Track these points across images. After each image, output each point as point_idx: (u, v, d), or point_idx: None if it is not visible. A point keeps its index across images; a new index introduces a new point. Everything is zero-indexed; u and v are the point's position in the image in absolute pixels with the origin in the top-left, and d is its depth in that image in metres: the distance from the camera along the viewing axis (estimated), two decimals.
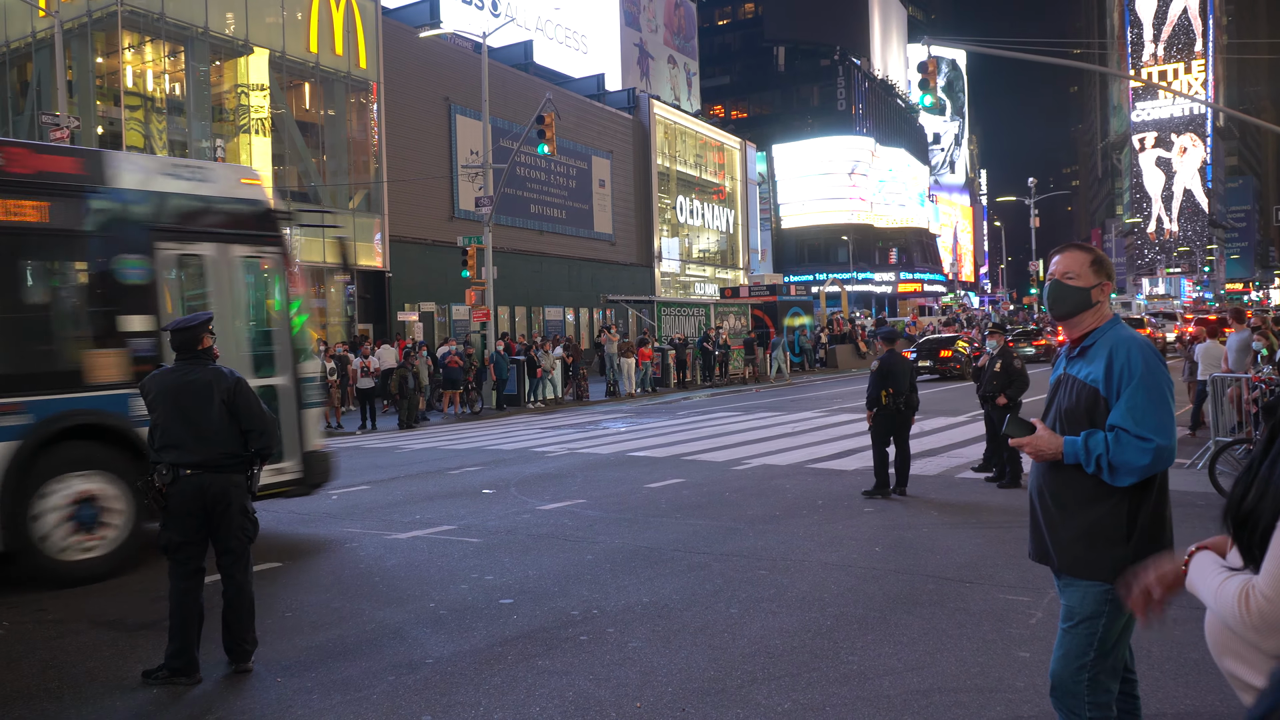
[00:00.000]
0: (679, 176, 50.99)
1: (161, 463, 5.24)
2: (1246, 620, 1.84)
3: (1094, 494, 3.12)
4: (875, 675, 4.99)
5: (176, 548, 5.26)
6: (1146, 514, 3.10)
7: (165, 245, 8.40)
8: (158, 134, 26.80)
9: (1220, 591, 1.94)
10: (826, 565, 7.40)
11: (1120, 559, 3.07)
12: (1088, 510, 3.13)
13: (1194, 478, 10.75)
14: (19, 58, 28.13)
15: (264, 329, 9.30)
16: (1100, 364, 3.15)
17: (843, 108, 77.18)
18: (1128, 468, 3.03)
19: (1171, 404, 3.10)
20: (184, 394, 5.30)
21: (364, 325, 30.66)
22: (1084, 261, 3.28)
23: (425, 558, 8.07)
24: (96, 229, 7.96)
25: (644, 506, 10.22)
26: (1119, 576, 3.07)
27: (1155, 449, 3.01)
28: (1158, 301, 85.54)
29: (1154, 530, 3.11)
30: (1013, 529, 8.39)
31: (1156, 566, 2.43)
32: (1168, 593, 2.33)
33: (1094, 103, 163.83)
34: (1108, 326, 3.24)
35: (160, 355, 7.87)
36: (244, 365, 8.56)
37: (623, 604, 6.43)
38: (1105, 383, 3.13)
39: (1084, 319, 3.27)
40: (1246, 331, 14.02)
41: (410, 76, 32.55)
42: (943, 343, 30.12)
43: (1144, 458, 3.01)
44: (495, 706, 4.71)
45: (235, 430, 5.36)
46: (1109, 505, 3.10)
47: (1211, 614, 2.01)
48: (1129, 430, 3.03)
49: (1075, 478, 3.15)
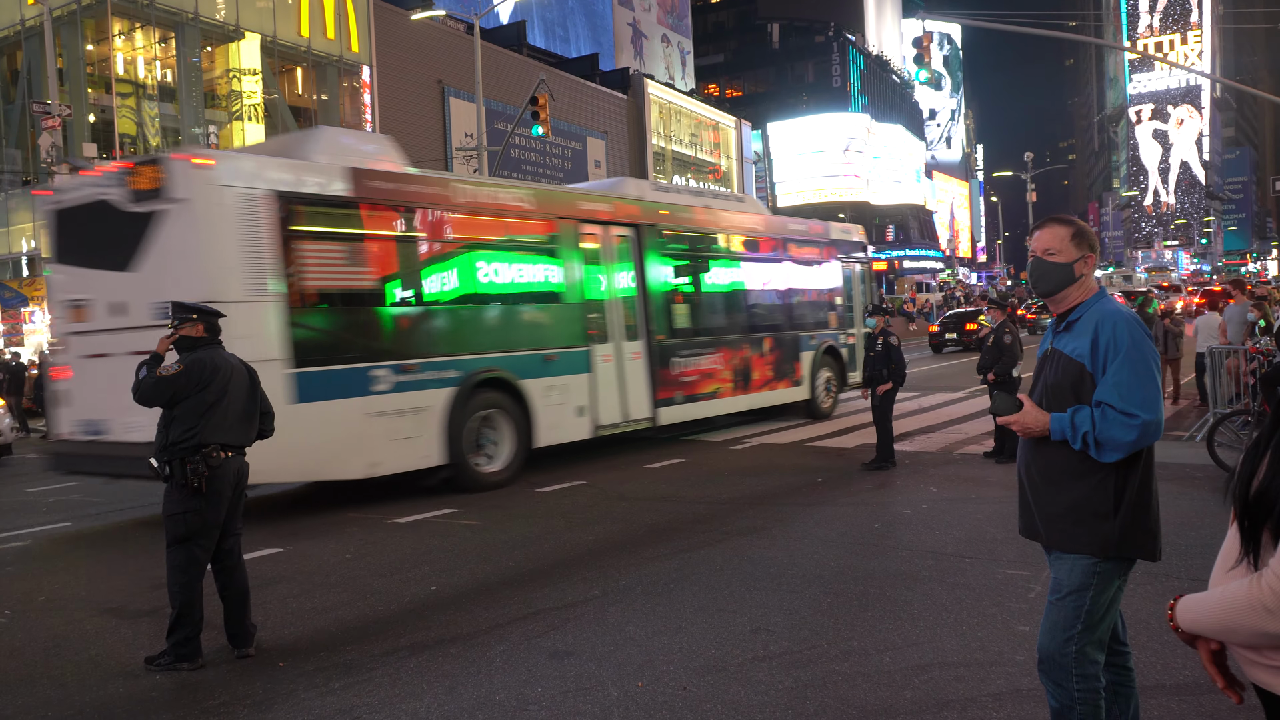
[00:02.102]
0: (674, 156, 50.83)
1: (211, 444, 5.24)
2: (1263, 600, 1.74)
3: (1080, 469, 3.12)
4: (875, 651, 5.01)
5: (206, 531, 5.25)
6: (1133, 488, 3.09)
7: (848, 260, 17.46)
8: (150, 121, 26.70)
9: (1226, 595, 1.84)
10: (826, 542, 7.42)
11: (1106, 533, 3.08)
12: (1074, 485, 3.13)
13: (1192, 450, 10.78)
14: (9, 46, 27.97)
15: (851, 307, 17.31)
16: (1086, 339, 3.14)
17: (838, 84, 76.84)
18: (1114, 444, 3.02)
19: (1158, 379, 3.08)
20: (234, 378, 5.43)
21: None
22: (1064, 236, 3.25)
23: (426, 541, 8.08)
24: (823, 258, 16.90)
25: (644, 487, 10.25)
26: (1105, 550, 3.08)
27: (1141, 424, 3.00)
28: (1157, 274, 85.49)
29: (1140, 504, 3.10)
30: (1010, 504, 8.40)
31: None
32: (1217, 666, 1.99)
33: (1090, 76, 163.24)
34: (1093, 300, 3.22)
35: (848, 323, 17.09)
36: (839, 325, 16.90)
37: (623, 584, 6.45)
38: (1091, 358, 3.12)
39: (1069, 294, 3.26)
40: (1246, 303, 14.02)
41: (403, 59, 32.39)
42: (968, 315, 31.88)
43: (1130, 434, 3.00)
44: (498, 687, 4.72)
45: (259, 414, 5.62)
46: (1095, 480, 3.10)
47: (1227, 628, 1.87)
48: (1115, 406, 3.02)
49: (1061, 453, 3.15)
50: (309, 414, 8.96)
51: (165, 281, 8.60)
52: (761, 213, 16.52)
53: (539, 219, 11.74)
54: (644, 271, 12.95)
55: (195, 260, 8.64)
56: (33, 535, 9.23)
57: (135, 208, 8.92)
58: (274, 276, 8.91)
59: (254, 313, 8.74)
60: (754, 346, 14.65)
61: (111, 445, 9.12)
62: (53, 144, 21.42)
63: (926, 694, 4.43)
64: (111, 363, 9.02)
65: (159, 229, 8.78)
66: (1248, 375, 11.51)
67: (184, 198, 8.62)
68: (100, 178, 9.38)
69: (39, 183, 25.27)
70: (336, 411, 9.22)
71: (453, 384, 10.23)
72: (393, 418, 9.67)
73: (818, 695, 4.46)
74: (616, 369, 12.38)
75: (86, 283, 9.48)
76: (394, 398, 9.69)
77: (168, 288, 8.40)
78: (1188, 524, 7.27)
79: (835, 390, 16.41)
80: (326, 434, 9.15)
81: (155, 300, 8.57)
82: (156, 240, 8.79)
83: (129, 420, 8.54)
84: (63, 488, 12.23)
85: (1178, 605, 2.01)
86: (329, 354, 9.34)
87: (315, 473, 9.53)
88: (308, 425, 8.92)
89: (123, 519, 9.92)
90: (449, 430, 10.13)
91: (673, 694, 4.55)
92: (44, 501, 11.27)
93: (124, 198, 9.01)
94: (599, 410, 12.04)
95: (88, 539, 8.96)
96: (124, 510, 10.39)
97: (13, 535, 9.23)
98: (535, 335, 11.47)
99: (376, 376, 9.59)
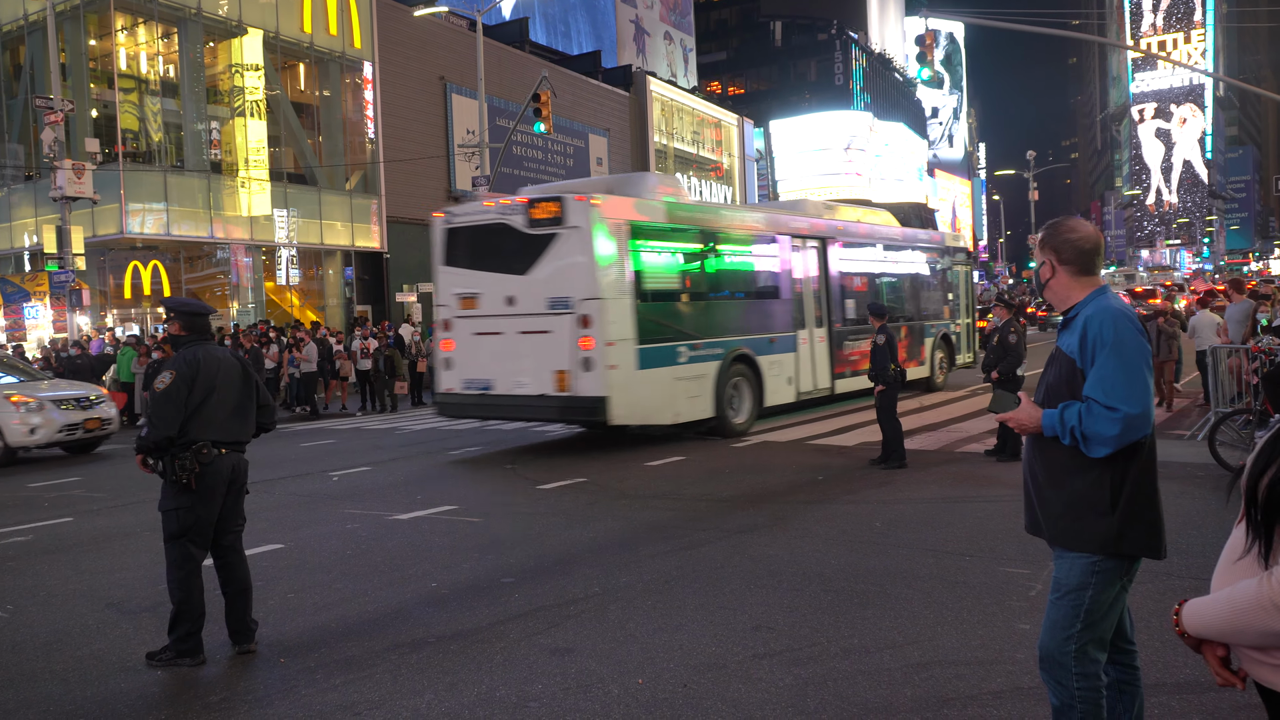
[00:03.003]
0: (676, 154, 50.77)
1: (202, 440, 5.19)
2: (1273, 598, 1.75)
3: (1078, 465, 3.13)
4: (876, 649, 5.01)
5: (200, 527, 5.24)
6: (1131, 484, 3.10)
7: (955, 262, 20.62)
8: (152, 116, 26.69)
9: (1234, 595, 1.84)
10: (827, 540, 7.42)
11: (1105, 529, 3.09)
12: (1072, 482, 3.15)
13: (1194, 449, 10.77)
14: (11, 41, 27.97)
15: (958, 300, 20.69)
16: (1076, 335, 3.18)
17: (840, 82, 76.74)
18: (1099, 438, 3.04)
19: (1144, 373, 3.07)
20: (221, 373, 5.34)
21: (362, 307, 30.62)
22: (1037, 242, 3.41)
23: (427, 538, 8.09)
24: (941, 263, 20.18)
25: (644, 484, 10.25)
26: (1104, 547, 3.08)
27: (1123, 418, 3.00)
28: (1159, 274, 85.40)
29: (1139, 500, 3.10)
30: (1011, 503, 8.40)
31: None
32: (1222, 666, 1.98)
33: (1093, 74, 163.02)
34: (1090, 298, 3.25)
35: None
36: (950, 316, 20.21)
37: (624, 581, 6.45)
38: (1080, 353, 3.15)
39: (1047, 296, 3.36)
40: (1246, 302, 13.99)
41: (405, 56, 32.36)
42: (981, 314, 32.17)
43: (1113, 427, 3.01)
44: (498, 684, 4.73)
45: (254, 408, 5.55)
46: (1092, 476, 3.11)
47: (1235, 629, 1.86)
48: (1098, 400, 3.04)
49: (1060, 450, 3.17)
50: (647, 377, 12.45)
51: (556, 284, 12.10)
52: (897, 225, 19.67)
53: (768, 235, 15.27)
54: (826, 274, 16.28)
55: (582, 268, 11.98)
56: (34, 530, 9.24)
57: (533, 231, 12.31)
58: (628, 280, 12.33)
59: (620, 305, 12.14)
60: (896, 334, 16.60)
61: (497, 397, 12.81)
62: (55, 139, 21.44)
63: (927, 692, 4.43)
64: (500, 339, 12.69)
65: (553, 246, 12.20)
66: (1249, 374, 11.50)
67: (576, 225, 12.02)
68: (500, 207, 13.03)
69: (41, 177, 25.31)
70: (660, 376, 12.67)
71: (719, 358, 13.55)
72: (687, 381, 13.03)
73: (818, 693, 4.46)
74: (810, 349, 15.75)
75: (477, 282, 12.97)
76: (688, 367, 13.06)
77: (559, 288, 12.05)
78: (1190, 523, 7.27)
79: (946, 369, 19.81)
80: (655, 391, 12.59)
81: (546, 296, 12.15)
82: (550, 253, 12.21)
83: (514, 379, 12.53)
84: (64, 483, 12.25)
85: (1183, 610, 2.00)
86: (655, 335, 12.67)
87: (646, 418, 12.64)
88: (646, 385, 12.44)
89: (125, 514, 9.92)
90: (716, 391, 13.37)
91: (673, 691, 4.55)
92: (45, 497, 11.28)
93: (523, 223, 12.39)
94: (800, 380, 15.42)
95: (89, 534, 8.96)
96: (126, 505, 10.39)
97: (15, 530, 9.24)
98: (764, 323, 14.81)
99: (680, 352, 13.01)
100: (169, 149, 26.80)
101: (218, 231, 26.93)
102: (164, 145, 26.70)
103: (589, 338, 11.91)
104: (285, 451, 14.19)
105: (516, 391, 12.53)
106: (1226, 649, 1.95)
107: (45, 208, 25.29)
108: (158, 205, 25.43)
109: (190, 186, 26.30)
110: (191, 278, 28.16)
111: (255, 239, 27.85)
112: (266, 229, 28.04)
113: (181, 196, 26.03)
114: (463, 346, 13.13)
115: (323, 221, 29.84)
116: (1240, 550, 1.88)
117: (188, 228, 26.26)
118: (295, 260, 29.25)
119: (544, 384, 12.24)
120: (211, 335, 5.61)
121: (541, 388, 12.26)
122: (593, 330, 11.90)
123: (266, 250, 28.73)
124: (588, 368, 11.93)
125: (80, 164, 21.22)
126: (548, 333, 12.21)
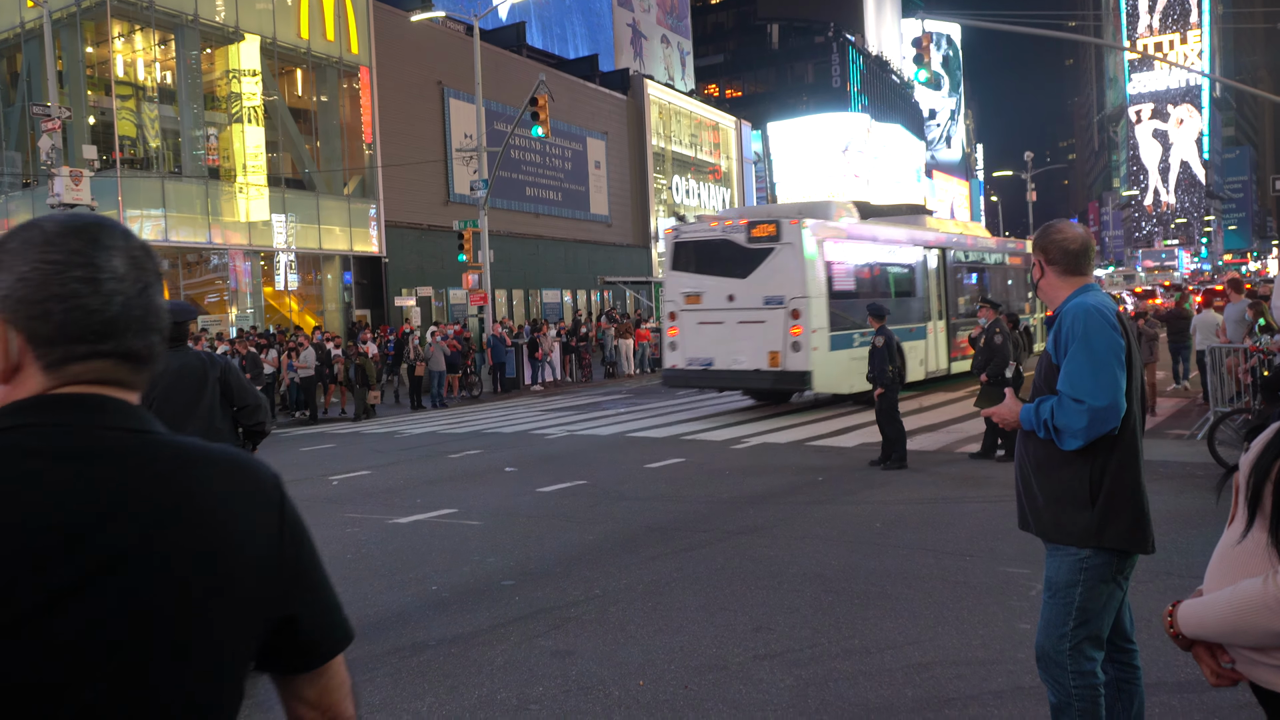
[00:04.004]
0: (674, 156, 50.78)
1: None
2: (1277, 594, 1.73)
3: (1061, 459, 3.18)
4: (877, 650, 5.00)
5: None
6: (1111, 477, 3.13)
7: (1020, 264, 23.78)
8: (150, 123, 26.69)
9: (1235, 596, 1.81)
10: (827, 541, 7.42)
11: (1086, 522, 3.12)
12: (1055, 475, 3.20)
13: (1193, 449, 10.77)
14: (8, 49, 27.97)
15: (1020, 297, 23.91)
16: (1053, 331, 3.27)
17: (837, 85, 76.79)
18: (1069, 430, 3.09)
19: (1112, 366, 3.09)
20: (179, 380, 5.17)
21: (361, 311, 30.62)
22: (1032, 245, 3.51)
23: (427, 541, 8.08)
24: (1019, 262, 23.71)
25: (644, 487, 10.24)
26: (1085, 540, 3.11)
27: (1088, 410, 3.05)
28: (1158, 274, 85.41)
29: (1120, 493, 3.12)
30: (1011, 503, 8.39)
31: None
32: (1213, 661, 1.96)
33: (1090, 76, 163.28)
34: (1073, 296, 3.31)
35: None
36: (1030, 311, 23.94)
37: (624, 584, 6.44)
38: (1055, 349, 3.23)
39: (1040, 297, 3.47)
40: (1244, 302, 13.98)
41: (402, 60, 32.36)
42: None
43: (1080, 419, 3.06)
44: (499, 687, 4.72)
45: (227, 412, 5.30)
46: (1073, 470, 3.16)
47: (1237, 629, 1.84)
48: (1067, 393, 3.10)
49: (1043, 444, 3.23)
50: (835, 357, 16.00)
51: (771, 285, 15.96)
52: (990, 236, 24.34)
53: (908, 247, 19.22)
54: (945, 276, 20.19)
55: (793, 274, 15.82)
56: None
57: (752, 245, 16.23)
58: (824, 283, 16.13)
59: (819, 302, 15.94)
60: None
61: (717, 371, 16.74)
62: (52, 146, 21.42)
63: (928, 692, 4.43)
64: (720, 327, 16.49)
65: (770, 258, 16.06)
66: (1246, 374, 11.50)
67: (789, 242, 15.91)
68: (724, 227, 16.87)
69: (39, 185, 25.31)
70: (842, 356, 16.10)
71: None
72: (858, 360, 14.67)
73: (819, 693, 4.46)
74: (933, 337, 19.48)
75: (701, 283, 16.87)
76: (859, 349, 15.25)
77: (773, 289, 15.92)
78: (1189, 522, 7.27)
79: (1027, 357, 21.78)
80: (840, 367, 16.01)
81: (762, 295, 16.04)
82: (766, 263, 16.07)
83: (732, 357, 16.31)
84: None
85: (1177, 611, 1.99)
86: (839, 325, 16.31)
87: (833, 388, 16.21)
88: (835, 362, 15.99)
89: None
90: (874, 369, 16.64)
91: (674, 693, 4.55)
92: None
93: (744, 239, 16.32)
94: (928, 362, 19.07)
95: None
96: None
97: None
98: (906, 315, 18.02)
99: (854, 338, 16.29)
100: (167, 155, 26.80)
101: (216, 237, 26.92)
102: (161, 152, 26.68)
103: (798, 326, 15.69)
104: (285, 456, 14.18)
105: (734, 367, 16.35)
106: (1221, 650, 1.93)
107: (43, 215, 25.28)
108: (155, 211, 25.41)
109: (188, 193, 26.29)
110: (190, 283, 28.15)
111: (254, 244, 27.85)
112: (265, 234, 28.04)
113: (179, 203, 26.02)
114: (686, 332, 16.99)
115: (321, 226, 29.84)
116: (1238, 534, 1.87)
117: (186, 234, 26.25)
118: (294, 265, 29.23)
119: (759, 361, 15.98)
120: (184, 339, 5.37)
121: (756, 364, 16.05)
122: (801, 321, 15.68)
123: (265, 255, 28.72)
124: (797, 349, 15.67)
125: (78, 171, 21.18)
126: (762, 322, 16.01)
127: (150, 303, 1.17)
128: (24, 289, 1.10)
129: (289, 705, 1.29)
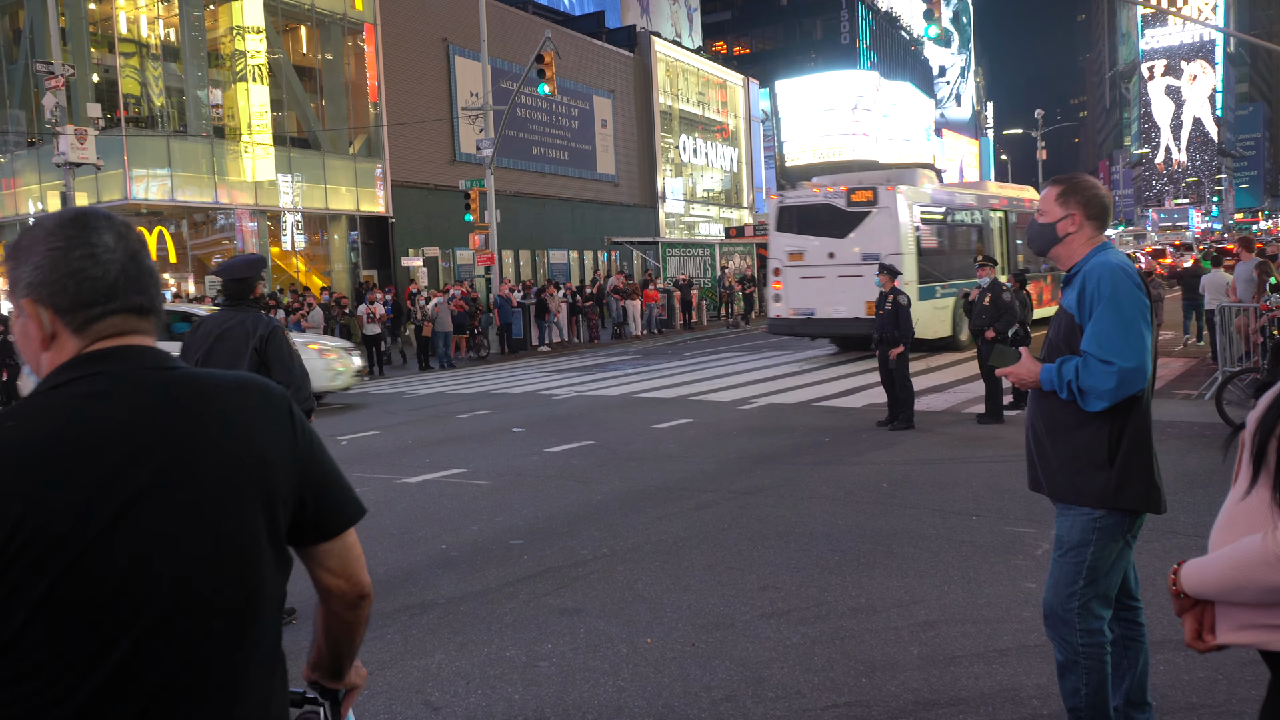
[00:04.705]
0: (682, 115, 50.34)
1: None
2: (1278, 552, 1.71)
3: (1075, 420, 3.15)
4: (883, 608, 5.04)
5: None
6: (1129, 438, 3.12)
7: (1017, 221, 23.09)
8: (153, 81, 26.51)
9: (1236, 552, 1.80)
10: (834, 500, 7.45)
11: (1104, 483, 3.10)
12: (1071, 436, 3.17)
13: (1201, 408, 10.75)
14: (10, 6, 27.73)
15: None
16: (1075, 291, 3.19)
17: (846, 41, 75.90)
18: (1095, 392, 3.06)
19: (1141, 327, 3.07)
20: (220, 342, 5.11)
21: (368, 272, 30.57)
22: (1051, 196, 3.32)
23: (435, 501, 8.13)
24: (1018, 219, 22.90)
25: (652, 447, 10.27)
26: (1103, 501, 3.10)
27: (1119, 371, 3.01)
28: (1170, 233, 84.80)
29: (1137, 454, 3.12)
30: (1018, 463, 8.40)
31: None
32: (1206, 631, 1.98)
33: (1102, 31, 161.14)
34: (1092, 254, 3.24)
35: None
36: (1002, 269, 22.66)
37: (632, 543, 6.49)
38: (1078, 309, 3.16)
39: (1059, 252, 3.31)
40: (1255, 261, 13.89)
41: (407, 17, 32.02)
42: None
43: (1109, 380, 3.03)
44: (508, 644, 4.77)
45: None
46: (1090, 430, 3.13)
47: (1237, 585, 1.83)
48: (1094, 354, 3.05)
49: (1059, 405, 3.18)
50: (922, 306, 16.71)
51: (868, 243, 17.89)
52: (1038, 196, 25.97)
53: (980, 209, 21.64)
54: (1008, 235, 22.33)
55: (889, 234, 17.83)
56: None
57: (851, 210, 18.33)
58: (913, 241, 18.15)
59: (910, 258, 17.77)
60: (1044, 280, 23.24)
61: (818, 320, 18.78)
62: (56, 104, 21.31)
63: (934, 650, 4.46)
64: (821, 281, 18.51)
65: (867, 220, 18.15)
66: (1256, 333, 11.46)
67: (885, 205, 18.03)
68: (825, 193, 18.93)
69: (44, 143, 25.21)
70: (927, 305, 17.75)
71: (954, 295, 18.88)
72: (940, 310, 18.46)
73: (825, 651, 4.50)
74: None
75: (804, 243, 18.96)
76: (940, 300, 18.58)
77: (871, 246, 17.73)
78: (1196, 481, 7.28)
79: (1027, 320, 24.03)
80: (927, 316, 17.38)
81: (861, 252, 17.93)
82: (864, 224, 18.17)
83: (832, 308, 18.31)
84: None
85: (1182, 569, 1.99)
86: (926, 278, 18.22)
87: (921, 334, 15.64)
88: (924, 312, 16.84)
89: None
90: (953, 318, 18.81)
91: (681, 650, 4.59)
92: None
93: (844, 204, 18.40)
94: None
95: None
96: None
97: None
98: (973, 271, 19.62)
99: (936, 290, 18.53)
100: (171, 114, 26.64)
101: (222, 197, 26.83)
102: (166, 110, 26.53)
103: None
104: None
105: (834, 316, 18.38)
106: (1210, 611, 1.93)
107: (49, 174, 25.17)
108: (161, 171, 25.33)
109: (194, 152, 26.17)
110: (197, 243, 28.12)
111: (260, 204, 27.74)
112: (271, 194, 27.93)
113: (185, 162, 25.91)
114: (790, 286, 19.13)
115: (327, 186, 29.71)
116: (1243, 490, 1.86)
117: (192, 193, 26.16)
118: (300, 225, 29.15)
119: (857, 310, 17.51)
120: (245, 296, 5.26)
121: (855, 313, 17.62)
122: None
123: (271, 215, 28.64)
124: None
125: (83, 129, 21.10)
126: (860, 276, 17.41)
127: (140, 265, 1.45)
128: (42, 274, 1.40)
129: (316, 574, 1.70)
